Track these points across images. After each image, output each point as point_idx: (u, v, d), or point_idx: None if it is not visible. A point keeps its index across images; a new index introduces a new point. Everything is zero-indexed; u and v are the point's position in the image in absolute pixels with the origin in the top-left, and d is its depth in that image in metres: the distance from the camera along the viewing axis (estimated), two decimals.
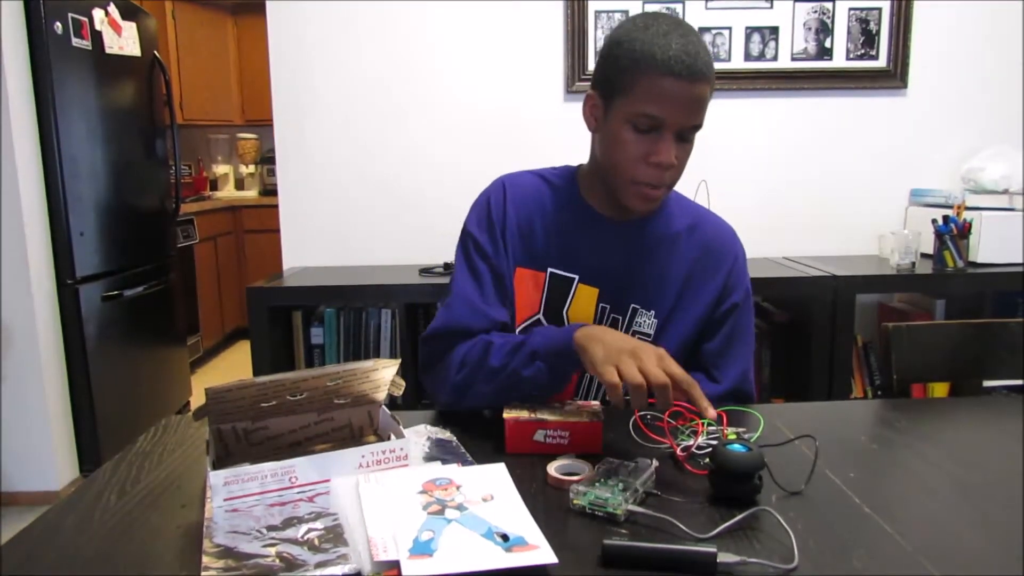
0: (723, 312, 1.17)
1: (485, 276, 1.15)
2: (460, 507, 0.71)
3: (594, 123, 1.12)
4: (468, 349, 1.09)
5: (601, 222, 1.16)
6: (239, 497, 0.76)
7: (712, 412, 0.86)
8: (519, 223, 1.17)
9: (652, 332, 1.15)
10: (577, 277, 1.15)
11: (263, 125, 3.94)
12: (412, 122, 2.42)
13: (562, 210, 1.17)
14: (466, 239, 1.19)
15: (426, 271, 2.24)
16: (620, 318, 1.15)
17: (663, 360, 0.88)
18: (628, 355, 0.89)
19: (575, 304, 1.15)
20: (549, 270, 1.16)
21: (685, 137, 1.05)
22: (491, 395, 1.05)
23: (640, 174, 1.06)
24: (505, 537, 0.66)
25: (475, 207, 1.21)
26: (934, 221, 2.18)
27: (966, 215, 2.16)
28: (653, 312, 1.15)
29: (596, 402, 1.00)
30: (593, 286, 1.15)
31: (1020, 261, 2.17)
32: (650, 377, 0.85)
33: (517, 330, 1.16)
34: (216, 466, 0.79)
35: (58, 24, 2.53)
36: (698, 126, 1.05)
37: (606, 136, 1.08)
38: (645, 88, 1.01)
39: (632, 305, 1.15)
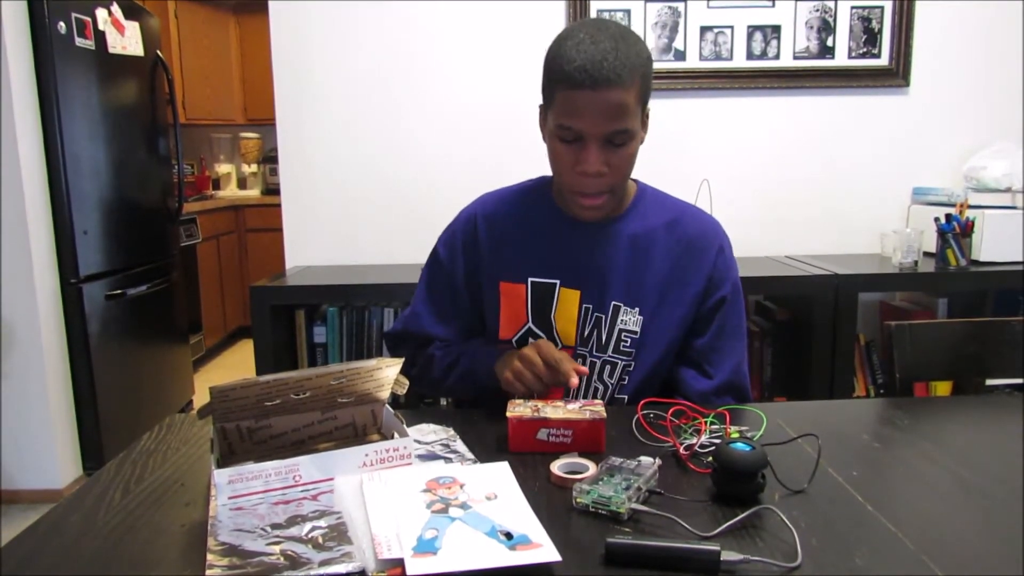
0: (711, 306, 1.17)
1: (438, 294, 1.26)
2: (464, 505, 0.71)
3: (542, 133, 1.14)
4: (415, 356, 1.27)
5: (575, 224, 1.17)
6: (243, 495, 0.76)
7: (574, 379, 1.01)
8: (492, 240, 1.21)
9: (638, 329, 1.15)
10: (558, 282, 1.17)
11: (265, 124, 3.94)
12: (414, 121, 2.42)
13: (537, 218, 1.20)
14: (432, 256, 1.28)
15: None
16: (603, 316, 1.16)
17: (542, 351, 1.05)
18: (520, 364, 1.06)
19: (560, 308, 1.16)
20: (530, 279, 1.18)
21: (616, 142, 1.04)
22: (429, 392, 1.31)
23: (574, 183, 1.09)
24: (509, 535, 0.66)
25: (447, 227, 1.28)
26: (936, 219, 2.18)
27: (968, 213, 2.16)
28: (638, 309, 1.15)
29: (599, 401, 1.00)
30: (574, 288, 1.16)
31: (1022, 259, 2.16)
32: (540, 375, 1.05)
33: (513, 341, 1.20)
34: (220, 464, 0.80)
35: (61, 24, 2.53)
36: (623, 131, 1.03)
37: (547, 147, 1.11)
38: (559, 102, 1.04)
39: (614, 303, 1.15)
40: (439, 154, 2.43)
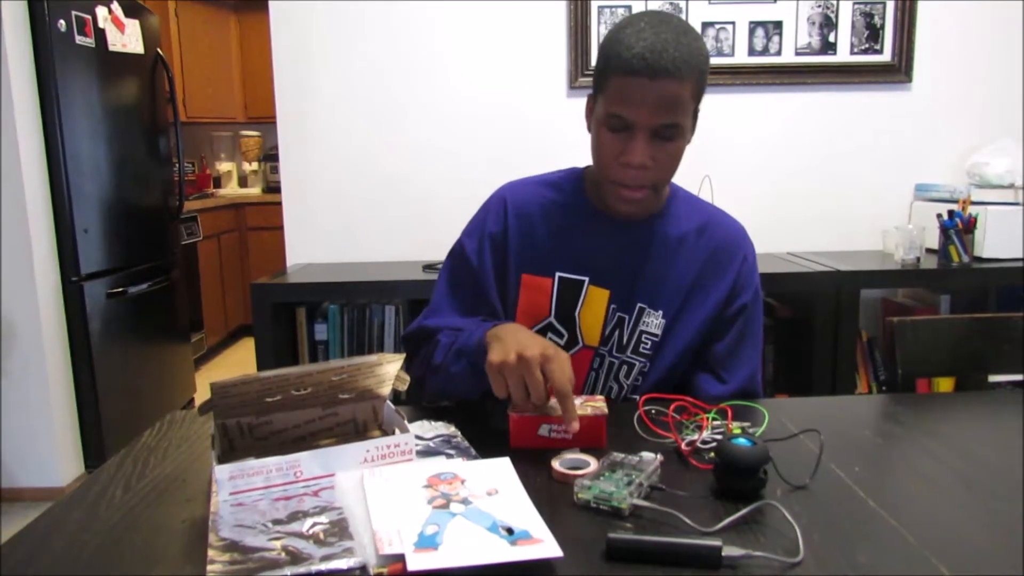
0: (732, 313, 1.17)
1: (462, 288, 1.20)
2: (465, 501, 0.71)
3: (588, 123, 1.12)
4: (426, 348, 1.17)
5: (608, 222, 1.15)
6: (244, 491, 0.76)
7: (575, 425, 0.87)
8: (521, 231, 1.17)
9: (659, 332, 1.15)
10: (587, 279, 1.15)
11: (266, 122, 3.95)
12: (415, 119, 2.42)
13: (569, 213, 1.17)
14: (455, 247, 1.23)
15: (429, 267, 2.24)
16: (627, 317, 1.15)
17: (548, 363, 0.89)
18: (515, 362, 0.90)
19: (586, 306, 1.15)
20: (557, 274, 1.15)
21: (664, 135, 1.02)
22: (435, 389, 1.13)
23: (616, 174, 1.06)
24: (510, 531, 0.66)
25: (473, 217, 1.23)
26: (939, 216, 2.18)
27: (971, 210, 2.16)
28: (661, 312, 1.15)
29: (600, 397, 1.00)
30: (604, 287, 1.15)
31: None
32: (532, 391, 0.89)
33: None
34: (221, 461, 0.79)
35: (61, 22, 2.53)
36: (673, 125, 1.01)
37: (592, 136, 1.09)
38: (613, 88, 1.01)
39: (639, 305, 1.15)
40: (440, 152, 2.43)
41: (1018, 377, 1.37)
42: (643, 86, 0.98)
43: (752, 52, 2.39)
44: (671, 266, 1.15)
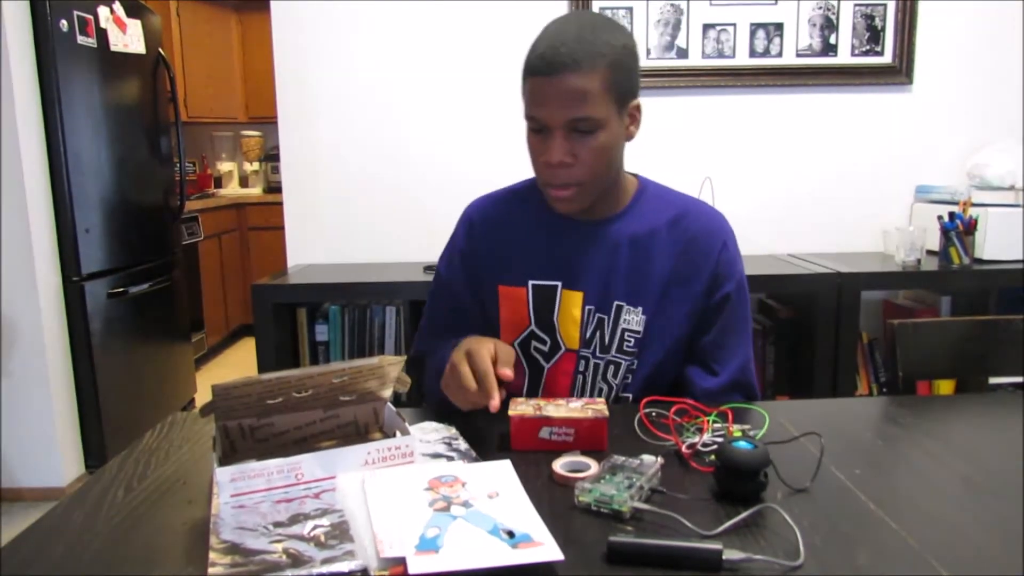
0: (716, 303, 1.15)
1: (440, 306, 1.26)
2: (466, 504, 0.71)
3: None
4: (421, 372, 1.23)
5: (574, 225, 1.16)
6: (245, 493, 0.76)
7: (495, 402, 0.91)
8: (489, 246, 1.20)
9: (641, 329, 1.14)
10: (560, 283, 1.15)
11: (267, 122, 3.95)
12: (416, 119, 2.42)
13: (533, 219, 1.19)
14: (435, 274, 1.29)
15: (430, 268, 2.24)
16: (605, 317, 1.15)
17: (473, 361, 0.94)
18: (448, 377, 0.98)
19: (563, 310, 1.15)
20: (530, 282, 1.17)
21: (581, 130, 1.02)
22: (436, 408, 1.13)
23: (543, 175, 1.09)
24: (511, 534, 0.66)
25: (447, 243, 1.28)
26: (939, 217, 2.17)
27: (972, 211, 2.16)
28: (641, 308, 1.14)
29: (601, 400, 1.00)
30: (577, 290, 1.15)
31: None
32: (467, 386, 0.93)
33: (515, 344, 1.19)
34: (222, 462, 0.80)
35: (63, 22, 2.53)
36: (585, 118, 1.01)
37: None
38: (526, 92, 1.06)
39: (616, 303, 1.14)
40: (441, 152, 2.43)
41: (1018, 379, 1.37)
42: (546, 84, 1.01)
43: (753, 54, 2.39)
44: (645, 261, 1.14)
